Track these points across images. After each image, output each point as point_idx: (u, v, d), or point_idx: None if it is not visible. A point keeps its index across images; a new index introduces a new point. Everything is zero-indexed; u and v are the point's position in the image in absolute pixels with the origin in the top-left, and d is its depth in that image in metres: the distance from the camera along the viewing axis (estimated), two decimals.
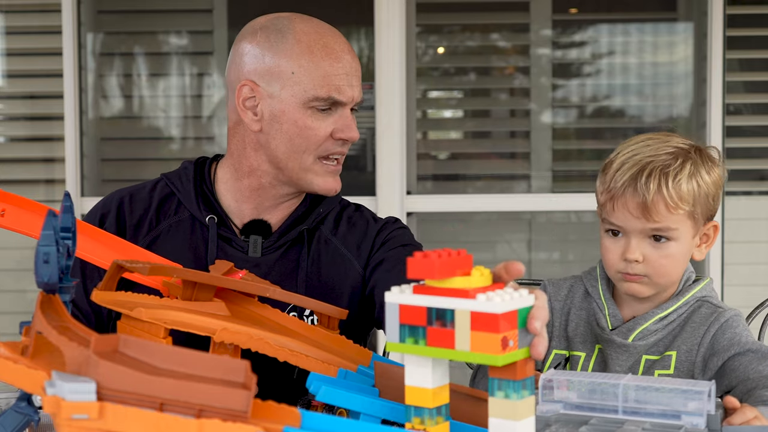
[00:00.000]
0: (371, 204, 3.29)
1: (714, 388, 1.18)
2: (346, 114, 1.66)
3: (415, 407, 0.99)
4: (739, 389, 1.51)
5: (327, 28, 1.68)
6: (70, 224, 1.09)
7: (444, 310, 0.97)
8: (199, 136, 4.19)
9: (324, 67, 1.63)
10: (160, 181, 1.76)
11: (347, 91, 1.64)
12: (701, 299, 1.68)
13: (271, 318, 1.41)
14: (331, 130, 1.65)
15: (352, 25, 4.31)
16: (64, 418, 0.80)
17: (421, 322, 0.98)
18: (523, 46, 4.26)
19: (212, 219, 1.68)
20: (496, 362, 0.94)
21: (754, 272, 3.73)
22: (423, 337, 0.98)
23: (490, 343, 0.94)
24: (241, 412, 0.81)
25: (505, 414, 0.97)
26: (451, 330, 0.96)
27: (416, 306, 0.98)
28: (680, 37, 4.20)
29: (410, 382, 1.00)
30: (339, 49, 1.64)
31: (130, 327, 1.27)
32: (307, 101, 1.62)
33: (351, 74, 1.65)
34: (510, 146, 4.37)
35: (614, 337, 1.64)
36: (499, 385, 0.97)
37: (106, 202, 1.74)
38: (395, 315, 1.00)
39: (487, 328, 0.94)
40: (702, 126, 3.57)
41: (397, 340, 1.00)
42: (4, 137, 3.99)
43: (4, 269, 3.83)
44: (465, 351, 0.96)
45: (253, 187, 1.70)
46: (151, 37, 4.13)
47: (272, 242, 1.70)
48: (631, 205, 1.60)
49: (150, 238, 1.68)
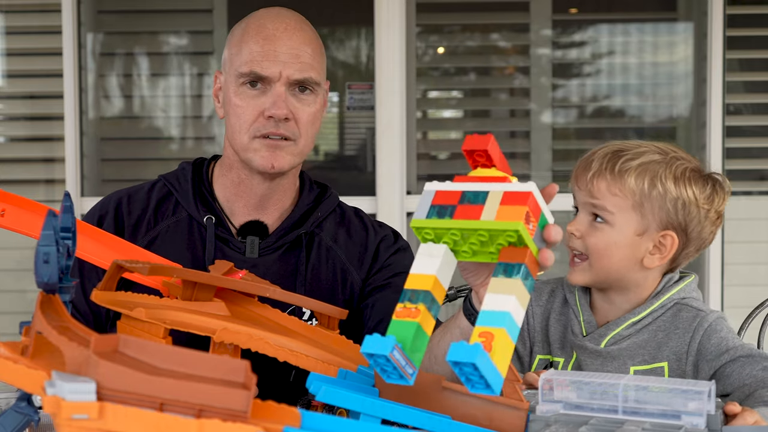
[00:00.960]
0: (371, 204, 3.29)
1: (714, 388, 1.18)
2: (275, 91, 1.65)
3: (412, 290, 1.03)
4: (736, 395, 1.50)
5: (277, 13, 1.70)
6: (70, 224, 1.09)
7: (478, 192, 1.06)
8: (199, 136, 4.19)
9: (250, 46, 1.66)
10: (158, 182, 1.77)
11: (271, 66, 1.64)
12: (680, 302, 1.65)
13: (271, 318, 1.41)
14: (261, 108, 1.65)
15: (352, 25, 4.31)
16: (64, 418, 0.80)
17: (452, 201, 1.06)
18: (523, 46, 4.26)
19: (210, 219, 1.69)
20: (517, 227, 1.01)
21: (754, 272, 3.73)
22: (450, 215, 1.05)
23: (516, 213, 1.02)
24: (241, 412, 0.81)
25: (502, 290, 1.01)
26: (479, 206, 1.04)
27: (453, 191, 1.07)
28: (680, 37, 4.20)
29: (416, 269, 1.05)
30: (273, 28, 1.66)
31: (130, 327, 1.27)
32: (236, 80, 1.66)
33: (280, 51, 1.65)
34: (510, 146, 4.37)
35: (586, 343, 1.63)
36: (504, 269, 1.03)
37: (104, 204, 1.74)
38: (429, 198, 1.08)
39: (515, 202, 1.03)
40: (702, 126, 3.57)
41: (423, 218, 1.06)
42: (4, 137, 3.99)
43: (4, 269, 3.83)
44: (489, 220, 1.03)
45: (235, 182, 1.72)
46: (151, 37, 4.13)
47: (269, 243, 1.70)
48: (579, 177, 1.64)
49: (148, 239, 1.69)
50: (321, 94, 1.71)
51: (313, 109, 1.68)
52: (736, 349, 1.57)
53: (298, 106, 1.66)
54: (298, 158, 1.69)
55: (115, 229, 1.69)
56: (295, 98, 1.66)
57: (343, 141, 4.40)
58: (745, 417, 1.28)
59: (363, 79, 4.32)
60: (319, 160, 4.41)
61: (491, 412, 1.16)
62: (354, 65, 4.44)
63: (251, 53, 1.65)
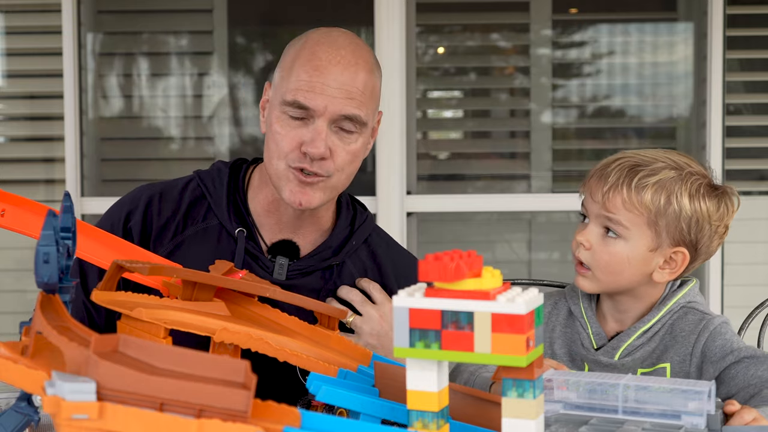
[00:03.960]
0: (371, 204, 3.29)
1: (714, 388, 1.18)
2: (316, 126, 1.58)
3: (418, 411, 0.98)
4: (741, 396, 1.51)
5: (333, 40, 1.61)
6: (70, 224, 1.09)
7: (461, 312, 0.94)
8: (200, 136, 4.19)
9: (299, 73, 1.59)
10: (192, 180, 1.71)
11: (316, 98, 1.57)
12: (685, 306, 1.66)
13: (271, 318, 1.41)
14: (300, 141, 1.59)
15: (353, 25, 4.31)
16: (64, 418, 0.80)
17: (434, 325, 0.95)
18: (523, 46, 4.26)
19: (242, 232, 1.64)
20: (520, 363, 0.93)
21: (754, 272, 3.73)
22: (436, 341, 0.95)
23: (515, 345, 0.92)
24: (241, 412, 0.81)
25: (519, 414, 0.95)
26: (469, 333, 0.94)
27: (429, 309, 0.95)
28: (680, 37, 4.20)
29: (413, 386, 0.97)
30: (326, 60, 1.58)
31: (130, 327, 1.27)
32: (280, 105, 1.60)
33: (329, 85, 1.57)
34: (510, 146, 4.37)
35: (600, 358, 1.64)
36: (513, 385, 0.96)
37: (134, 198, 1.69)
38: (405, 319, 0.96)
39: (510, 329, 0.92)
40: (702, 126, 3.57)
41: (406, 345, 0.96)
42: (4, 137, 3.99)
43: (4, 269, 3.83)
44: (486, 353, 0.94)
45: (269, 199, 1.67)
46: (151, 37, 4.12)
47: (300, 268, 1.66)
48: (594, 189, 1.63)
49: (175, 243, 1.65)
50: (366, 132, 1.64)
51: (353, 148, 1.61)
52: (740, 350, 1.58)
53: (339, 144, 1.59)
54: (329, 194, 1.63)
55: (141, 227, 1.66)
56: (337, 136, 1.59)
57: None
58: (743, 415, 1.29)
59: None
60: None
61: (491, 412, 1.16)
62: None
63: (298, 81, 1.58)
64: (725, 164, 3.52)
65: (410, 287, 0.99)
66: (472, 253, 0.97)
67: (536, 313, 0.96)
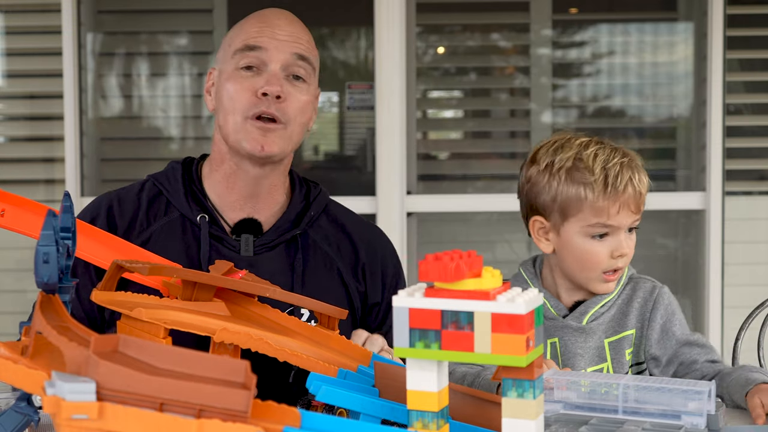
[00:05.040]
0: (371, 204, 3.29)
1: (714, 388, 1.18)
2: (270, 71, 1.64)
3: (418, 411, 0.98)
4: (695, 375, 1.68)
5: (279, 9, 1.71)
6: (70, 224, 1.09)
7: (461, 312, 0.94)
8: (199, 136, 4.19)
9: (247, 29, 1.67)
10: (147, 181, 1.75)
11: (268, 41, 1.64)
12: (633, 277, 1.80)
13: (271, 318, 1.41)
14: (255, 88, 1.64)
15: (352, 25, 4.31)
16: (64, 418, 0.80)
17: (434, 325, 0.95)
18: (523, 46, 4.26)
19: (203, 218, 1.67)
20: (520, 363, 0.93)
21: (754, 272, 3.73)
22: (436, 341, 0.95)
23: (515, 345, 0.92)
24: (241, 412, 0.81)
25: (520, 414, 0.95)
26: (469, 333, 0.94)
27: (429, 309, 0.95)
28: (680, 37, 4.20)
29: (413, 386, 0.97)
30: (272, 16, 1.68)
31: (130, 327, 1.27)
32: (232, 60, 1.66)
33: (278, 32, 1.65)
34: (510, 146, 4.37)
35: (570, 323, 1.74)
36: (513, 385, 0.96)
37: (94, 206, 1.72)
38: (405, 319, 0.96)
39: (510, 329, 0.92)
40: (702, 126, 3.57)
41: (406, 345, 0.96)
42: (4, 137, 3.99)
43: (4, 269, 3.83)
44: (486, 353, 0.94)
45: (227, 173, 1.70)
46: (151, 37, 4.12)
47: (265, 242, 1.69)
48: (631, 203, 1.70)
49: (141, 240, 1.67)
50: (313, 86, 1.71)
51: (304, 98, 1.67)
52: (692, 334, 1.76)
53: (291, 91, 1.65)
54: (287, 144, 1.67)
55: (107, 231, 1.66)
56: (289, 83, 1.66)
57: (343, 141, 4.39)
58: None
59: (363, 79, 4.32)
60: (319, 160, 4.41)
61: (491, 412, 1.16)
62: (354, 65, 4.44)
63: (248, 33, 1.66)
64: (725, 164, 3.52)
65: (410, 287, 0.99)
66: (472, 253, 0.97)
67: (536, 313, 0.96)
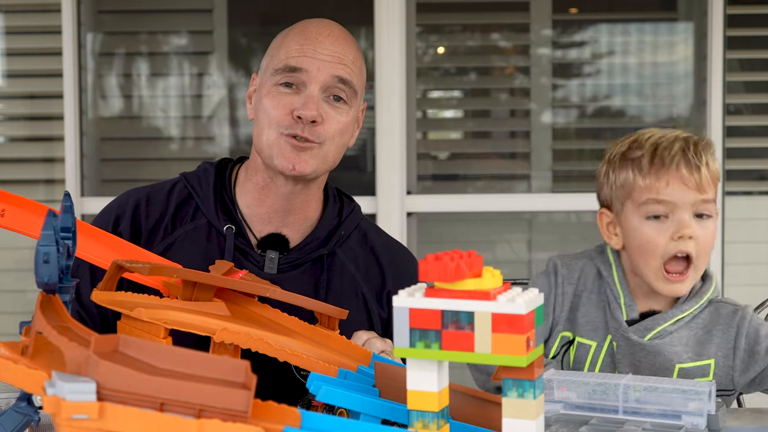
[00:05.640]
0: (371, 204, 3.29)
1: (714, 388, 1.18)
2: (308, 92, 1.59)
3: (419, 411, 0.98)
4: None
5: (323, 20, 1.65)
6: (70, 224, 1.09)
7: (461, 312, 0.94)
8: (199, 136, 4.19)
9: (290, 45, 1.62)
10: (179, 182, 1.71)
11: (308, 62, 1.59)
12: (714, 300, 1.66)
13: (271, 318, 1.41)
14: (292, 107, 1.59)
15: (353, 25, 4.31)
16: (64, 418, 0.80)
17: (434, 325, 0.95)
18: (523, 46, 4.26)
19: (230, 229, 1.64)
20: (521, 363, 0.93)
21: (754, 272, 3.73)
22: (436, 341, 0.95)
23: (515, 345, 0.92)
24: (241, 412, 0.81)
25: (520, 414, 0.95)
26: (469, 333, 0.94)
27: (429, 309, 0.95)
28: (680, 37, 4.20)
29: (413, 386, 0.97)
30: (316, 32, 1.62)
31: (130, 327, 1.27)
32: (271, 77, 1.61)
33: (321, 51, 1.60)
34: (510, 146, 4.37)
35: (631, 335, 1.61)
36: (514, 385, 0.95)
37: (121, 203, 1.69)
38: (405, 319, 0.96)
39: (511, 329, 0.92)
40: (702, 126, 3.57)
41: (406, 345, 0.96)
42: (4, 137, 3.99)
43: (4, 269, 3.83)
44: (486, 353, 0.94)
45: (260, 185, 1.66)
46: (151, 37, 4.12)
47: (290, 260, 1.65)
48: (687, 179, 1.57)
49: (165, 245, 1.64)
50: (355, 107, 1.65)
51: (344, 119, 1.62)
52: None
53: (330, 112, 1.60)
54: (321, 164, 1.62)
55: (131, 232, 1.65)
56: (328, 104, 1.60)
57: None
58: None
59: None
60: None
61: (491, 412, 1.16)
62: None
63: (289, 51, 1.61)
64: (725, 164, 3.52)
65: (410, 287, 0.99)
66: (472, 253, 0.97)
67: (536, 313, 0.96)
